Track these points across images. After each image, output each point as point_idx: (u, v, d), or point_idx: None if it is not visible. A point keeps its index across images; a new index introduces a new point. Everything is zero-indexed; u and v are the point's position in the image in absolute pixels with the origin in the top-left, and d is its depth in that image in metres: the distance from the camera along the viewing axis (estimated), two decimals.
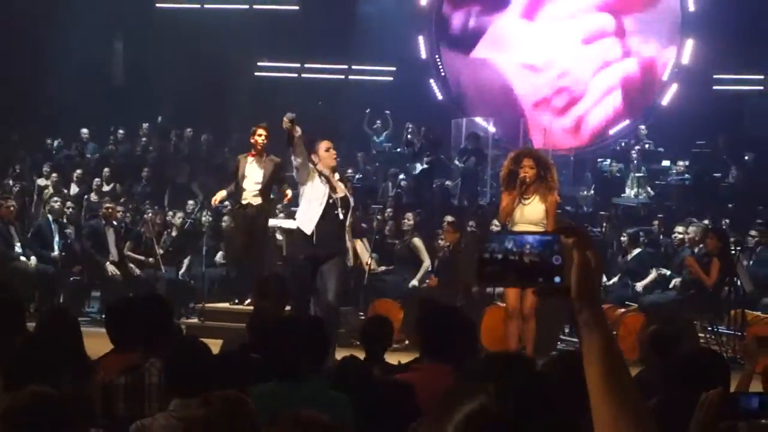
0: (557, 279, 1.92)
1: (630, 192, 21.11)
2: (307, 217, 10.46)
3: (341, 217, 10.39)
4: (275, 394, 4.98)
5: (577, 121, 24.73)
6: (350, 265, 11.01)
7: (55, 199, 16.57)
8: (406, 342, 12.00)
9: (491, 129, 23.71)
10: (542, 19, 24.78)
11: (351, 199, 10.67)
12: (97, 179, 20.01)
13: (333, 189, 10.39)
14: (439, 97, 25.61)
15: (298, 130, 10.30)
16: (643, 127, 23.00)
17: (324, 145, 10.63)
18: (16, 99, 22.84)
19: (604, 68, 24.45)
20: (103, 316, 9.56)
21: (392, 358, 6.79)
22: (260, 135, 12.76)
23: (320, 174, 10.36)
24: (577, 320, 1.92)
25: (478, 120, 23.99)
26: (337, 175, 10.61)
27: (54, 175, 19.79)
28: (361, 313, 13.12)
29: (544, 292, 1.95)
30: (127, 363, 5.51)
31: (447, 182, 21.97)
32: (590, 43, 24.43)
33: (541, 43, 24.62)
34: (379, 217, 16.68)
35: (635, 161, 21.51)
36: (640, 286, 14.05)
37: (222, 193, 13.25)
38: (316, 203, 10.36)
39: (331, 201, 10.35)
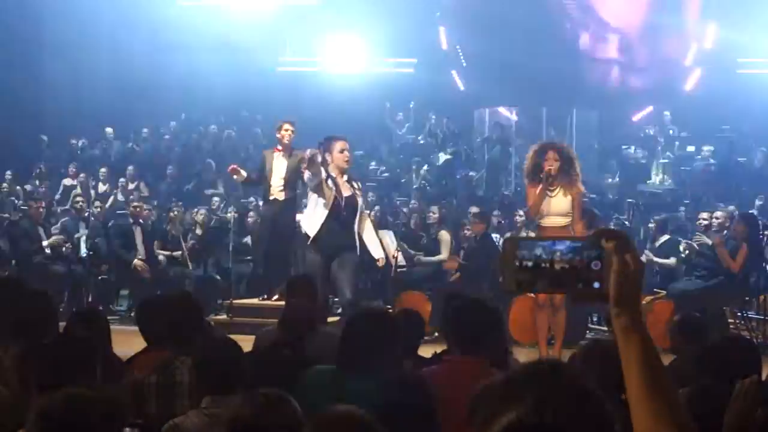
0: (596, 284, 1.90)
1: (655, 179, 21.04)
2: (312, 221, 10.58)
3: (345, 217, 10.45)
4: (333, 379, 4.99)
5: None
6: (380, 259, 10.99)
7: (79, 198, 16.65)
8: (435, 334, 11.98)
9: (514, 118, 23.66)
10: None
11: (359, 199, 10.70)
12: (122, 178, 20.10)
13: (338, 190, 10.43)
14: (461, 87, 25.56)
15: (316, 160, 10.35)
16: (667, 113, 22.89)
17: (339, 145, 10.61)
18: (39, 99, 22.93)
19: None
20: (133, 314, 9.59)
21: (422, 351, 6.78)
22: (287, 130, 12.76)
23: (328, 177, 10.40)
24: (615, 325, 1.90)
25: (501, 110, 23.94)
26: (345, 177, 10.61)
27: (82, 175, 19.90)
28: (389, 306, 13.10)
29: (582, 298, 1.93)
30: (158, 361, 5.53)
31: (471, 173, 21.94)
32: None
33: None
34: (404, 210, 16.67)
35: (660, 147, 21.43)
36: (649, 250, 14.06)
37: (243, 174, 13.16)
38: (322, 206, 10.43)
39: (336, 203, 10.41)
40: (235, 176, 13.24)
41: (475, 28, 24.97)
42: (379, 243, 10.94)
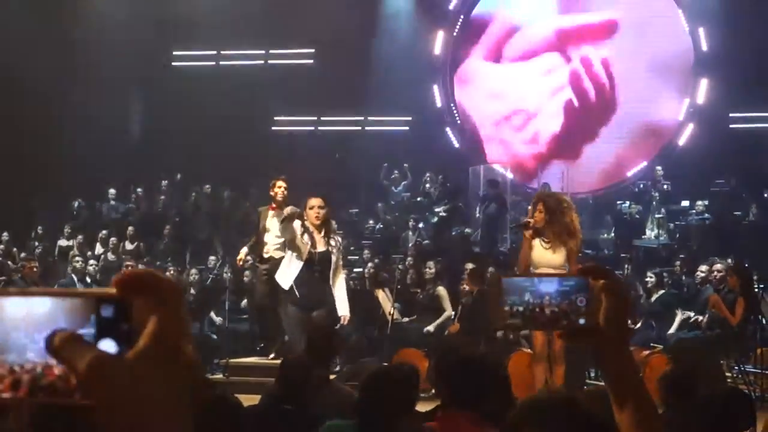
0: (582, 321, 1.92)
1: (650, 233, 21.09)
2: (286, 274, 10.76)
3: (317, 273, 10.54)
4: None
5: (534, 136, 24.99)
6: (343, 316, 10.99)
7: (77, 259, 16.70)
8: (432, 391, 11.94)
9: (509, 175, 23.76)
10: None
11: (333, 255, 10.74)
12: (113, 238, 20.11)
13: (314, 245, 10.50)
14: (456, 144, 25.71)
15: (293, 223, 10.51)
16: (659, 168, 22.99)
17: (310, 203, 10.95)
18: (37, 160, 23.01)
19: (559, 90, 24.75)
20: None
21: (419, 407, 6.76)
22: (279, 187, 12.79)
23: (304, 232, 10.51)
24: (604, 364, 1.92)
25: (496, 166, 24.05)
26: (323, 232, 10.72)
27: (79, 236, 19.95)
28: (386, 364, 13.07)
29: (569, 336, 1.95)
30: None
31: (467, 230, 21.98)
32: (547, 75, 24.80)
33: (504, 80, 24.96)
34: (400, 266, 16.70)
35: (654, 202, 21.51)
36: (672, 329, 14.01)
37: (243, 251, 13.29)
38: (297, 259, 10.60)
39: (310, 257, 10.53)
40: (243, 261, 13.34)
41: (472, 86, 25.22)
42: (346, 300, 10.93)
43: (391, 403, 5.01)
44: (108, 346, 1.10)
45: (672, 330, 14.02)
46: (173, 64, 26.41)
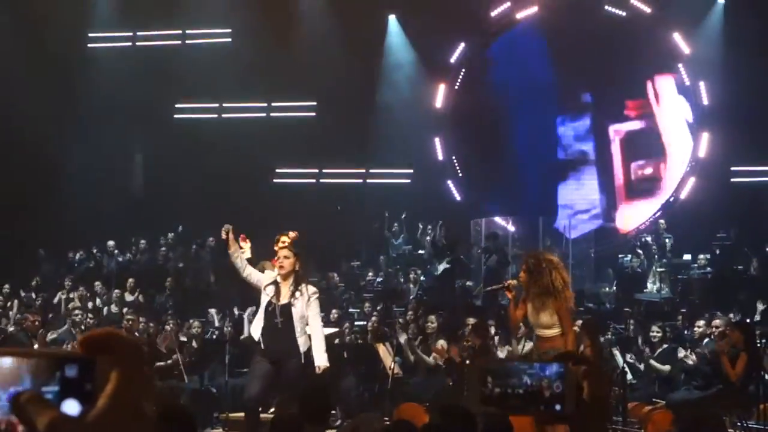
0: (558, 407, 1.91)
1: (652, 287, 21.05)
2: (256, 324, 10.77)
3: (279, 325, 10.45)
4: None
5: None
6: (318, 366, 10.83)
7: (77, 312, 16.67)
8: None
9: (510, 228, 23.76)
10: None
11: (294, 307, 10.60)
12: (116, 291, 20.12)
13: (277, 296, 10.50)
14: (458, 197, 25.74)
15: (231, 246, 10.53)
16: (662, 221, 23.01)
17: (279, 251, 10.99)
18: (40, 214, 23.04)
19: None
20: None
21: None
22: (283, 242, 12.78)
23: (270, 284, 10.57)
24: None
25: (497, 219, 24.05)
26: (290, 282, 10.63)
27: (81, 288, 19.92)
28: (387, 419, 13.00)
29: (544, 420, 1.95)
30: None
31: (468, 282, 21.96)
32: None
33: None
34: (401, 320, 16.65)
35: (656, 256, 21.50)
36: (657, 365, 14.03)
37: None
38: (261, 310, 10.62)
39: (270, 309, 10.49)
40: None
41: (470, 141, 25.30)
42: (323, 349, 10.85)
43: None
44: (71, 406, 1.13)
45: (658, 366, 14.03)
46: (175, 116, 26.51)
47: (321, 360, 10.77)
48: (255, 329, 10.71)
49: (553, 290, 9.95)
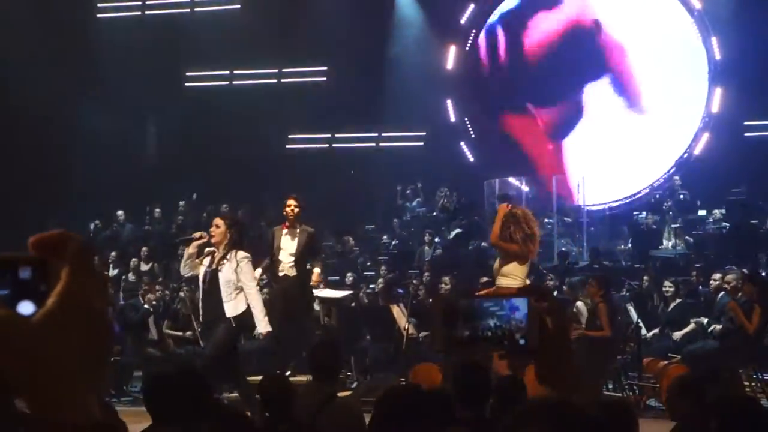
0: (522, 341, 1.91)
1: (667, 243, 21.00)
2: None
3: (203, 292, 10.70)
4: None
5: None
6: (263, 333, 11.08)
7: None
8: None
9: (524, 188, 23.72)
10: None
11: (220, 273, 10.63)
12: (134, 259, 20.18)
13: (210, 263, 10.62)
14: (471, 159, 25.71)
15: (192, 250, 10.77)
16: (677, 177, 22.93)
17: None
18: (54, 185, 23.10)
19: None
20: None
21: None
22: (290, 206, 12.80)
23: (206, 252, 10.68)
24: (545, 383, 1.92)
25: (511, 180, 24.00)
26: (223, 250, 10.69)
27: (96, 258, 19.96)
28: (402, 379, 13.06)
29: (508, 356, 1.95)
30: None
31: (483, 243, 21.95)
32: None
33: None
34: (415, 281, 16.68)
35: (671, 212, 21.44)
36: (678, 335, 14.01)
37: (258, 271, 13.22)
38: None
39: (203, 276, 10.67)
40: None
41: (482, 101, 25.25)
42: (262, 315, 10.90)
43: (407, 424, 5.00)
44: (26, 307, 1.14)
45: (680, 333, 14.00)
46: (186, 84, 26.52)
47: (261, 326, 10.93)
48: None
49: (511, 242, 10.35)
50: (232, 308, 10.58)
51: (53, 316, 1.12)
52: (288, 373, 12.45)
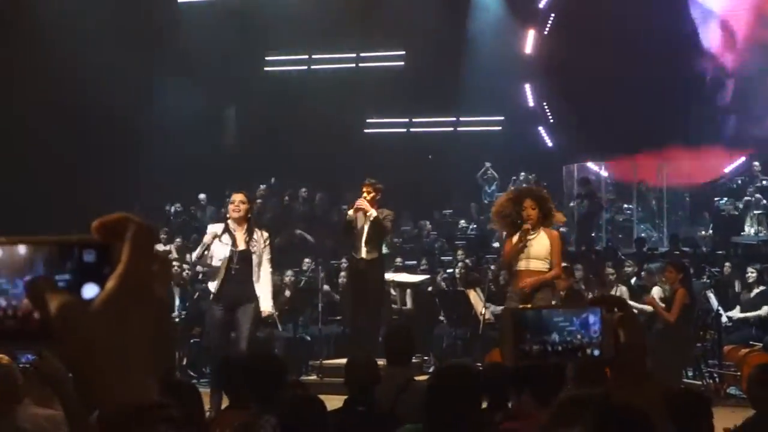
0: (596, 352, 1.90)
1: (749, 230, 20.71)
2: (213, 278, 10.90)
3: (234, 272, 10.59)
4: None
5: None
6: (264, 311, 10.96)
7: (174, 264, 16.94)
8: None
9: (603, 173, 23.54)
10: None
11: (254, 253, 10.69)
12: None
13: (234, 243, 10.60)
14: (549, 144, 25.57)
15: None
16: (756, 164, 22.54)
17: (232, 198, 11.06)
18: (136, 169, 23.40)
19: None
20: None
21: None
22: (367, 191, 12.84)
23: (224, 232, 10.65)
24: (622, 395, 1.90)
25: (590, 164, 23.83)
26: (244, 230, 10.71)
27: (177, 240, 20.20)
28: (479, 364, 13.05)
29: (582, 367, 1.92)
30: (241, 420, 5.57)
31: (562, 229, 21.84)
32: None
33: None
34: (492, 267, 16.64)
35: (753, 198, 21.14)
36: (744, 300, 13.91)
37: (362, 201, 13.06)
38: (218, 262, 10.69)
39: (229, 256, 10.60)
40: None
41: (562, 84, 25.02)
42: (269, 295, 10.90)
43: (458, 401, 5.00)
44: (91, 290, 1.16)
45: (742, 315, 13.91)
46: (266, 69, 26.68)
47: (266, 305, 10.91)
48: (212, 284, 10.90)
49: (555, 220, 10.35)
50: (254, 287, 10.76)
51: (113, 298, 1.14)
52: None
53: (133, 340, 1.15)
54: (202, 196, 23.63)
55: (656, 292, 13.75)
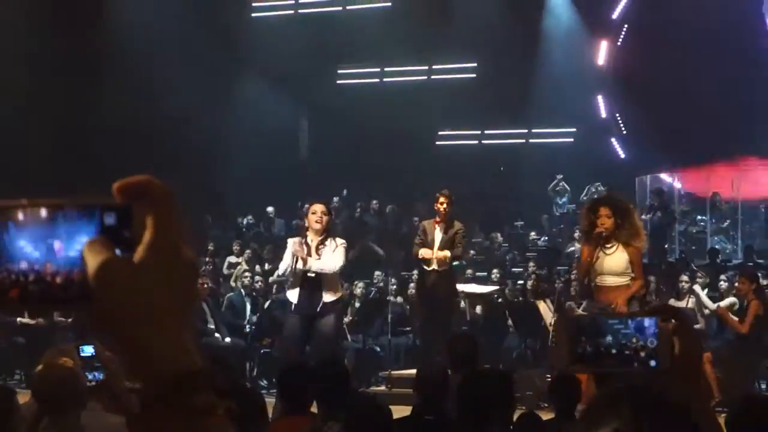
0: (653, 362, 1.88)
1: None
2: (291, 290, 10.99)
3: (310, 282, 10.65)
4: None
5: None
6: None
7: (246, 274, 17.11)
8: None
9: (677, 184, 23.31)
10: None
11: (328, 262, 10.71)
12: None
13: (309, 253, 10.64)
14: (622, 155, 25.39)
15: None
16: None
17: (311, 209, 11.05)
18: (207, 179, 23.62)
19: None
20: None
21: None
22: (442, 203, 12.89)
23: (301, 243, 10.66)
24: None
25: (663, 176, 23.62)
26: (320, 239, 10.74)
27: (248, 251, 20.35)
28: (548, 376, 13.00)
29: (639, 377, 1.90)
30: (296, 427, 5.61)
31: (642, 233, 21.64)
32: None
33: None
34: (562, 278, 16.58)
35: None
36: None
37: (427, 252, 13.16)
38: (295, 272, 10.76)
39: (305, 267, 10.65)
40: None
41: (635, 95, 24.82)
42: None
43: (483, 406, 5.03)
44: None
45: None
46: (338, 81, 26.83)
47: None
48: (290, 292, 10.93)
49: (636, 234, 9.78)
50: (333, 295, 10.83)
51: (147, 260, 1.15)
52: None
53: (171, 304, 1.16)
54: (270, 209, 23.79)
55: (728, 302, 13.62)
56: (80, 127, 22.33)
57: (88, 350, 5.21)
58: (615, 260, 9.67)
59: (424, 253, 12.78)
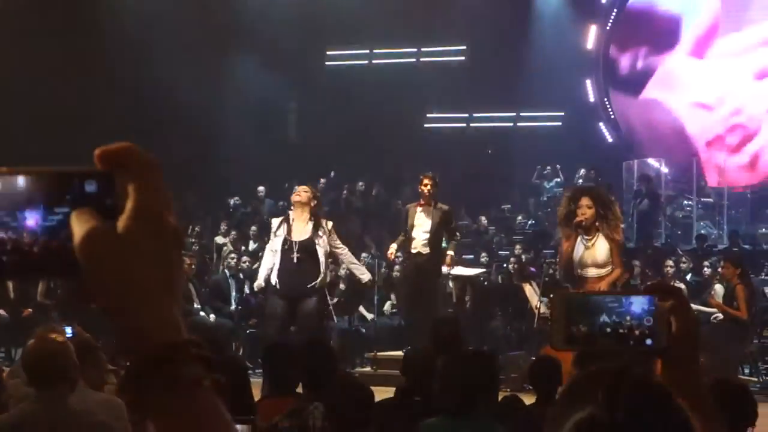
0: (649, 341, 1.87)
1: None
2: (266, 266, 11.03)
3: (295, 261, 10.63)
4: (447, 428, 5.05)
5: (753, 158, 24.02)
6: (368, 281, 11.59)
7: (232, 255, 17.09)
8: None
9: (664, 169, 23.36)
10: (712, 56, 24.34)
11: (322, 243, 10.77)
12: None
13: (289, 232, 10.68)
14: (609, 139, 25.42)
15: None
16: None
17: (296, 188, 11.29)
18: (194, 160, 23.56)
19: None
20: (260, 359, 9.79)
21: None
22: (426, 184, 12.83)
23: (284, 221, 10.72)
24: (673, 386, 1.86)
25: (650, 161, 23.66)
26: (305, 219, 10.75)
27: (233, 232, 20.33)
28: (533, 357, 13.03)
29: (634, 356, 1.88)
30: (282, 407, 5.63)
31: (621, 225, 21.70)
32: (763, 79, 23.78)
33: (712, 81, 24.11)
34: (548, 261, 16.61)
35: None
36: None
37: (393, 247, 13.31)
38: (274, 253, 10.83)
39: (286, 246, 10.64)
40: (394, 256, 13.44)
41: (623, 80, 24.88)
42: (360, 265, 11.28)
43: (467, 387, 5.06)
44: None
45: None
46: (327, 63, 26.77)
47: (364, 275, 11.53)
48: (268, 272, 10.93)
49: (617, 225, 9.71)
50: (316, 276, 10.84)
51: (131, 228, 1.13)
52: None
53: (156, 274, 1.14)
54: (260, 188, 23.75)
55: (719, 289, 13.56)
56: (81, 102, 22.23)
57: (68, 331, 5.24)
58: (596, 252, 9.58)
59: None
